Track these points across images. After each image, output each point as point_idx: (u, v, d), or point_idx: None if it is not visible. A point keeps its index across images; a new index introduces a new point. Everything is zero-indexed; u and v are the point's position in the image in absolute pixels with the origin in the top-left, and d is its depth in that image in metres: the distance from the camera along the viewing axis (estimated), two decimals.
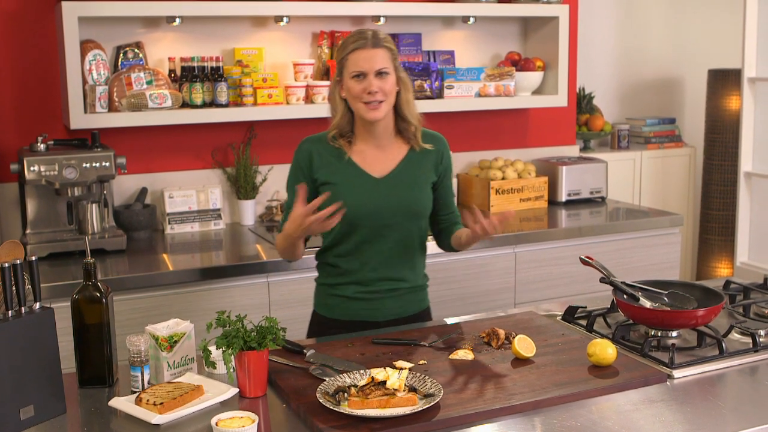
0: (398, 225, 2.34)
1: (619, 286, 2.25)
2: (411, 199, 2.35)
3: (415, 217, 2.37)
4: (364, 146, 2.36)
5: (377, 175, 2.35)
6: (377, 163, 2.36)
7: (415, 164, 2.38)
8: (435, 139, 2.43)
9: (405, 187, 2.35)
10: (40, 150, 3.06)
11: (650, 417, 1.75)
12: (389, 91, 2.27)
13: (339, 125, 2.34)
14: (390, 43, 2.30)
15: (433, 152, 2.41)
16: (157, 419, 1.72)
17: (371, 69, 2.24)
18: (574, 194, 4.06)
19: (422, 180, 2.38)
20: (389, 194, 2.33)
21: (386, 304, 2.39)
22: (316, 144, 2.37)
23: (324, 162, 2.34)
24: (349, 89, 2.27)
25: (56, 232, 3.14)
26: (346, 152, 2.35)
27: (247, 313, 1.98)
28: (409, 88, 2.35)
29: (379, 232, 2.33)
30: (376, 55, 2.25)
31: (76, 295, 1.92)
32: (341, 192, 2.30)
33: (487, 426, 1.72)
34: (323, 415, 1.71)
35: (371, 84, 2.24)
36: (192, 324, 2.01)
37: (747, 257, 4.47)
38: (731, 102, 4.59)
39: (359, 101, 2.27)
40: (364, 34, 2.28)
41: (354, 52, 2.26)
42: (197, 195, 3.54)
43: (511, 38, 4.15)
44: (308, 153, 2.36)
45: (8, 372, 1.69)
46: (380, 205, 2.32)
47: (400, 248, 2.36)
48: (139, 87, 3.32)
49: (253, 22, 3.63)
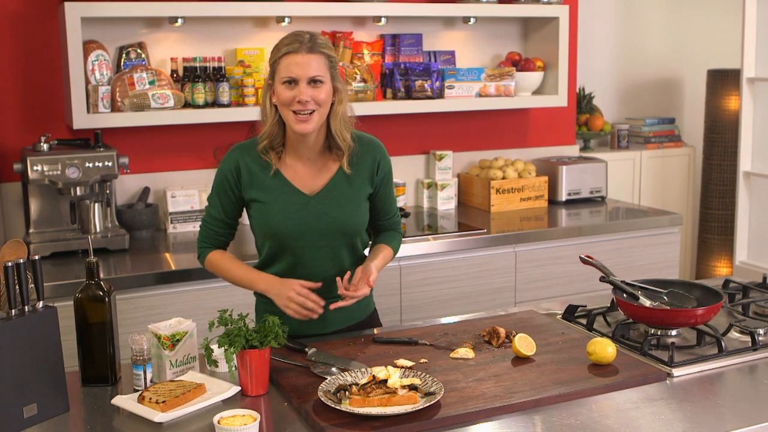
0: (330, 246, 2.21)
1: (618, 285, 2.26)
2: (343, 219, 2.20)
3: (346, 235, 2.23)
4: (295, 160, 2.21)
5: (308, 191, 2.20)
6: (308, 178, 2.21)
7: (348, 179, 2.22)
8: (371, 146, 2.27)
9: (336, 205, 2.20)
10: (43, 150, 3.07)
11: (650, 415, 1.76)
12: (322, 101, 2.10)
13: (270, 134, 2.17)
14: (328, 49, 2.13)
15: (368, 163, 2.24)
16: (159, 417, 1.73)
17: (304, 76, 2.07)
18: (574, 194, 4.07)
19: (356, 196, 2.23)
20: (320, 213, 2.19)
21: (330, 316, 2.22)
22: (245, 156, 2.21)
23: (253, 178, 2.20)
24: (279, 95, 2.10)
25: (59, 231, 3.15)
26: (276, 166, 2.20)
27: (248, 312, 2.00)
28: (343, 101, 2.16)
29: (311, 253, 2.20)
30: (311, 61, 2.08)
31: (79, 294, 1.93)
32: (269, 211, 2.18)
33: (487, 424, 1.72)
34: (325, 413, 1.71)
35: (302, 92, 2.07)
36: (194, 323, 2.02)
37: (746, 256, 4.48)
38: (730, 102, 4.60)
39: (288, 109, 2.10)
40: (301, 37, 2.10)
41: (287, 56, 2.09)
42: (199, 194, 3.54)
43: (511, 38, 4.16)
44: (236, 165, 2.21)
45: (11, 370, 1.70)
46: (310, 225, 2.18)
47: (334, 267, 2.23)
48: (141, 87, 3.33)
49: (254, 23, 3.64)
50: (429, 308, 3.31)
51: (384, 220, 2.36)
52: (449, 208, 3.96)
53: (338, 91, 2.15)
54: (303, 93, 2.07)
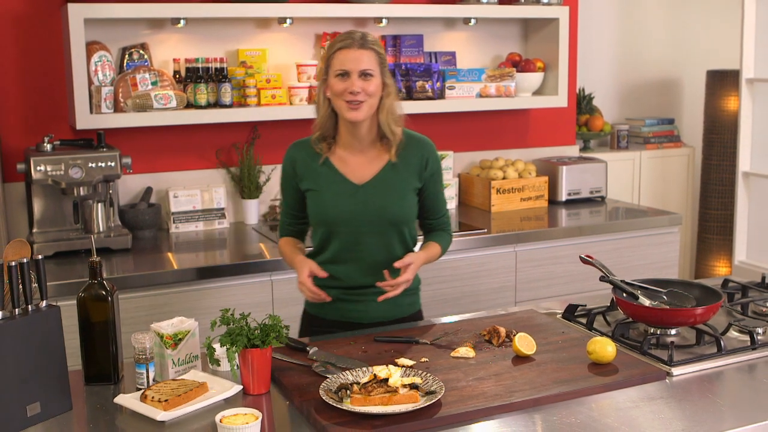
0: (378, 233, 2.32)
1: (618, 285, 2.26)
2: (392, 208, 2.32)
3: (394, 224, 2.33)
4: (346, 151, 2.34)
5: (357, 181, 2.32)
6: (358, 168, 2.33)
7: (396, 171, 2.34)
8: (421, 143, 2.39)
9: (384, 194, 2.32)
10: (46, 150, 3.08)
11: (649, 414, 1.76)
12: (372, 92, 2.24)
13: (322, 125, 2.33)
14: (378, 47, 2.28)
15: (417, 158, 2.36)
16: (161, 416, 1.74)
17: (355, 69, 2.22)
18: (574, 194, 4.08)
19: (403, 187, 2.34)
20: (368, 201, 2.31)
21: (374, 306, 2.36)
22: (300, 151, 2.38)
23: (306, 169, 2.35)
24: (332, 87, 2.26)
25: (62, 231, 3.16)
26: (327, 156, 2.34)
27: (250, 311, 2.00)
28: (391, 95, 2.30)
29: (360, 240, 2.31)
30: (362, 56, 2.23)
31: (82, 293, 1.93)
32: (321, 199, 2.33)
33: (487, 423, 1.73)
34: (326, 412, 1.72)
35: (354, 83, 2.22)
36: (196, 322, 2.02)
37: (745, 256, 4.49)
38: (729, 102, 4.60)
39: (341, 99, 2.24)
40: (353, 34, 2.26)
41: (340, 51, 2.25)
42: (201, 194, 3.56)
43: (511, 39, 4.17)
44: (292, 161, 2.38)
45: (15, 369, 1.70)
46: (358, 212, 2.30)
47: (382, 255, 2.32)
48: (144, 88, 3.34)
49: (256, 24, 3.65)
50: (430, 307, 3.30)
51: (432, 219, 2.46)
52: (450, 207, 3.96)
53: (387, 86, 2.30)
54: (354, 84, 2.22)
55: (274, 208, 3.74)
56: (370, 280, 2.32)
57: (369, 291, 2.34)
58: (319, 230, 2.36)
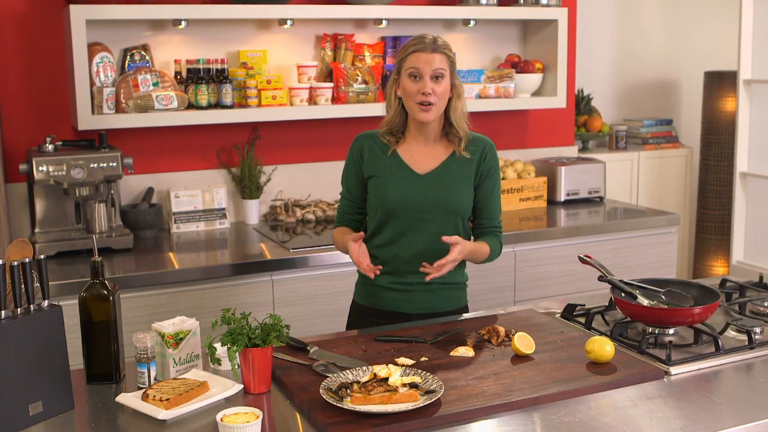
0: (434, 220, 2.40)
1: (617, 285, 2.27)
2: (449, 196, 2.40)
3: (451, 214, 2.41)
4: (412, 144, 2.44)
5: (420, 171, 2.42)
6: (422, 160, 2.43)
7: (458, 164, 2.43)
8: (480, 141, 2.48)
9: (445, 184, 2.41)
10: (48, 150, 3.08)
11: (647, 413, 1.77)
12: (442, 93, 2.34)
13: (391, 122, 2.44)
14: (449, 50, 2.38)
15: (477, 153, 2.45)
16: (163, 415, 1.74)
17: (428, 70, 2.32)
18: (572, 194, 4.09)
19: (462, 180, 2.43)
20: (428, 189, 2.40)
21: (419, 297, 2.44)
22: (368, 139, 2.48)
23: (373, 156, 2.44)
24: (405, 88, 2.36)
25: (64, 231, 3.17)
26: (394, 148, 2.44)
27: (251, 310, 2.01)
28: (461, 97, 2.41)
29: (415, 225, 2.39)
30: (434, 59, 2.33)
31: (83, 293, 1.94)
32: (383, 184, 2.42)
33: (487, 422, 1.74)
34: (326, 410, 1.73)
35: (426, 85, 2.31)
36: (197, 321, 2.03)
37: (742, 256, 4.49)
38: (727, 103, 4.61)
39: (413, 101, 2.34)
40: (425, 38, 2.36)
41: (413, 54, 2.35)
42: (202, 195, 3.56)
43: (510, 41, 4.18)
44: (360, 148, 2.47)
45: (17, 368, 1.71)
46: (418, 198, 2.39)
47: (435, 244, 2.37)
48: (145, 89, 3.35)
49: (257, 25, 3.66)
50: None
51: (485, 220, 2.50)
52: None
53: (456, 87, 2.40)
54: (427, 85, 2.32)
55: (275, 209, 3.75)
56: (419, 267, 2.35)
57: (415, 281, 2.42)
58: (378, 213, 2.43)
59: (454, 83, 2.39)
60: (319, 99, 3.58)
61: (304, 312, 3.11)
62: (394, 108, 2.43)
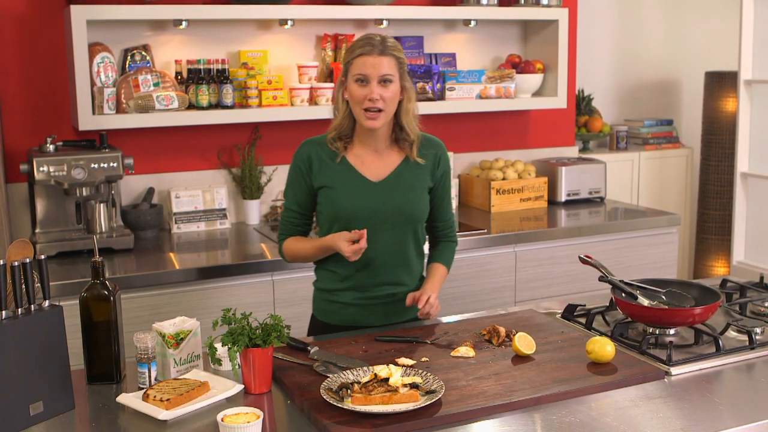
0: (393, 229, 2.34)
1: (617, 285, 2.27)
2: (406, 203, 2.34)
3: (410, 221, 2.36)
4: (362, 150, 2.36)
5: (374, 179, 2.34)
6: (374, 167, 2.35)
7: (411, 169, 2.37)
8: (433, 143, 2.42)
9: (401, 191, 2.34)
10: (49, 151, 3.09)
11: (648, 413, 1.77)
12: (390, 99, 2.26)
13: (339, 126, 2.34)
14: (398, 52, 2.29)
15: (430, 157, 2.39)
16: (163, 415, 1.74)
17: (375, 75, 2.24)
18: (573, 194, 4.09)
19: (418, 185, 2.37)
20: (385, 198, 2.33)
21: (381, 310, 2.39)
22: (315, 146, 2.37)
23: (322, 165, 2.34)
24: (351, 93, 2.27)
25: (65, 231, 3.17)
26: (343, 155, 2.35)
27: (252, 311, 2.01)
28: (412, 99, 2.33)
29: (375, 236, 2.29)
30: (382, 63, 2.24)
31: (84, 293, 1.94)
32: (336, 194, 2.32)
33: (487, 422, 1.74)
34: (327, 411, 1.73)
35: (373, 91, 2.23)
36: (198, 321, 2.03)
37: (743, 256, 4.50)
38: (728, 104, 4.62)
39: (359, 107, 2.26)
40: (372, 40, 2.27)
41: (360, 57, 2.25)
42: (203, 195, 3.57)
43: (511, 41, 4.18)
44: (307, 156, 2.36)
45: (18, 369, 1.71)
46: (376, 208, 2.31)
47: (396, 252, 2.35)
48: (146, 89, 3.35)
49: (258, 25, 3.66)
50: None
51: (440, 223, 2.48)
52: None
53: (407, 90, 2.32)
54: (374, 91, 2.23)
55: (276, 209, 3.75)
56: (381, 279, 2.34)
57: (380, 293, 2.37)
58: (333, 226, 2.34)
59: (404, 85, 2.30)
60: (320, 99, 3.58)
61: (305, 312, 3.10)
62: (342, 112, 2.34)
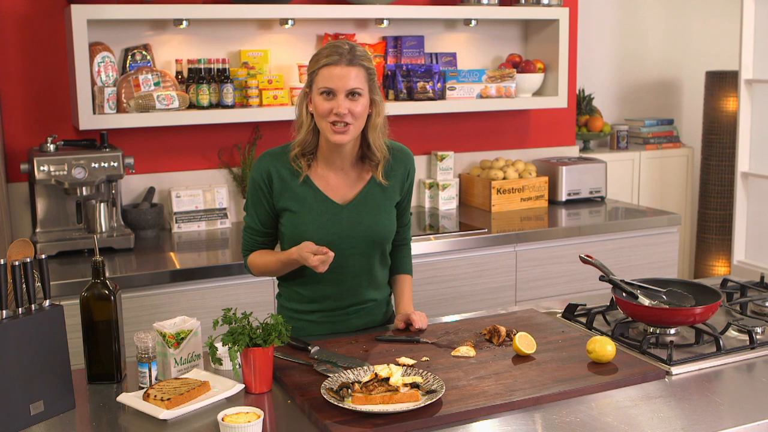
0: (362, 253, 2.23)
1: (618, 284, 2.27)
2: (376, 226, 2.22)
3: (379, 244, 2.25)
4: (327, 169, 2.20)
5: (340, 200, 2.20)
6: (339, 187, 2.20)
7: (380, 187, 2.23)
8: (403, 157, 2.28)
9: (369, 213, 2.21)
10: (49, 150, 3.09)
11: (648, 413, 1.77)
12: (359, 114, 2.08)
13: (303, 141, 2.17)
14: (367, 62, 2.11)
15: (400, 172, 2.26)
16: (164, 414, 1.75)
17: (342, 88, 2.06)
18: (573, 194, 4.09)
19: (387, 205, 2.25)
20: (353, 222, 2.19)
21: (353, 321, 2.31)
22: (275, 162, 2.19)
23: (284, 185, 2.18)
24: (316, 106, 2.09)
25: (65, 230, 3.17)
26: (307, 174, 2.19)
27: (252, 310, 2.01)
28: (381, 113, 2.16)
29: (344, 261, 2.19)
30: (349, 74, 2.06)
31: (85, 292, 1.94)
32: (301, 220, 2.17)
33: (488, 421, 1.74)
34: (327, 410, 1.73)
35: (340, 105, 2.06)
36: (199, 321, 2.03)
37: (744, 256, 4.50)
38: (728, 103, 4.62)
39: (326, 120, 2.09)
40: (340, 49, 2.09)
41: (326, 67, 2.07)
42: (204, 194, 3.57)
43: (512, 40, 4.18)
44: (267, 175, 2.19)
45: (19, 368, 1.71)
46: (344, 234, 2.18)
47: (363, 274, 2.25)
48: (146, 88, 3.35)
49: (258, 25, 3.66)
50: (430, 307, 3.33)
51: (401, 227, 2.37)
52: (450, 208, 3.98)
53: (376, 104, 2.14)
54: (341, 105, 2.06)
55: None
56: (350, 299, 2.27)
57: (349, 311, 2.30)
58: None
59: (374, 99, 2.12)
60: None
61: None
62: (306, 126, 2.15)
